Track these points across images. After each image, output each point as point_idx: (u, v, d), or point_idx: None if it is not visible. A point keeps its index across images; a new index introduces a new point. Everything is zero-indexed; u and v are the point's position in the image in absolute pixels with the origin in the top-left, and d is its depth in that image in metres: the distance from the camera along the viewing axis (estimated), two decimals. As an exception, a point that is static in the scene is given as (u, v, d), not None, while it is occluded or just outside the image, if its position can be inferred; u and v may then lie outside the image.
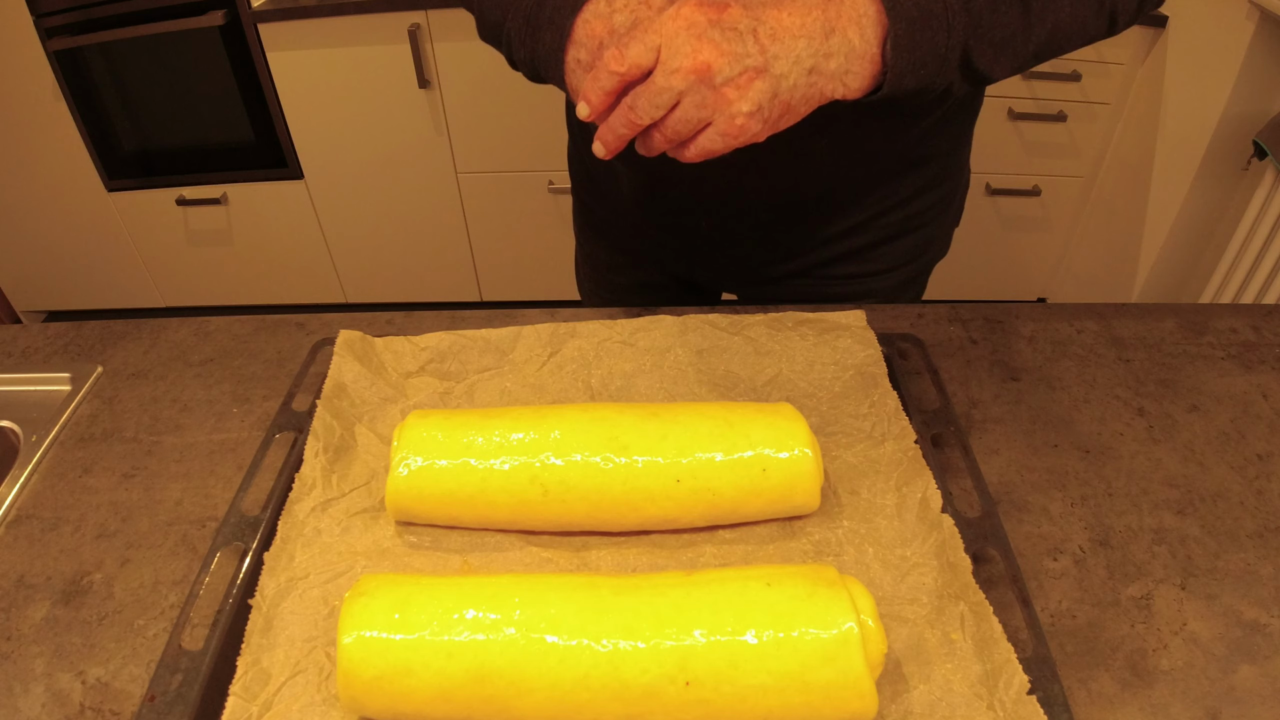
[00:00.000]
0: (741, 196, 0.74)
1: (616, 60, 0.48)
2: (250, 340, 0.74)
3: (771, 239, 0.79)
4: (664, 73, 0.47)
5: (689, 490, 0.51)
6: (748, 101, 0.48)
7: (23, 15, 1.80)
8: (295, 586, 0.50)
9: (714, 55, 0.46)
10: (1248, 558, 0.53)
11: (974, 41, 0.52)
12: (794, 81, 0.49)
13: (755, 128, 0.49)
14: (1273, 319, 0.73)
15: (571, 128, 0.85)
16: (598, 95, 0.50)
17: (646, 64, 0.48)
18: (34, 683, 0.48)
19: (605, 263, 0.93)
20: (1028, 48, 0.55)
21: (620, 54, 0.48)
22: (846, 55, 0.49)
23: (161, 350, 0.74)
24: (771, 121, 0.50)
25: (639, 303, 0.75)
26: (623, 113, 0.50)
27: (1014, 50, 0.54)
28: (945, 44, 0.51)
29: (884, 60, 0.50)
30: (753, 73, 0.47)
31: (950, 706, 0.44)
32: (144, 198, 2.10)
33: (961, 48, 0.52)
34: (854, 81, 0.51)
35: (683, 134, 0.50)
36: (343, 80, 1.87)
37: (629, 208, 0.83)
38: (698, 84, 0.47)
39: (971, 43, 0.52)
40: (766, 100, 0.48)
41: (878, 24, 0.50)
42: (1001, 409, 0.64)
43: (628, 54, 0.48)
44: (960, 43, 0.51)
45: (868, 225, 0.77)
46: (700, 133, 0.50)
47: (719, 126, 0.49)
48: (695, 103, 0.48)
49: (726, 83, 0.47)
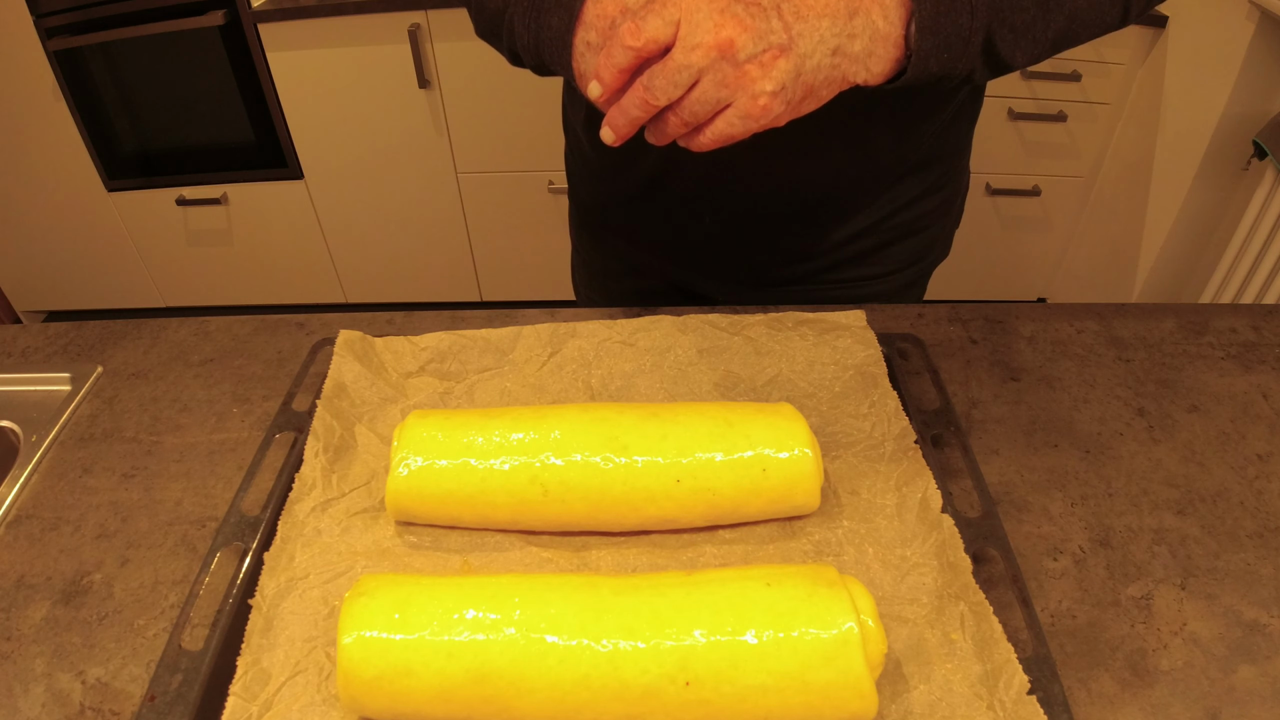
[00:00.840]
0: (746, 200, 0.74)
1: (633, 34, 0.45)
2: (250, 340, 0.74)
3: (775, 244, 0.78)
4: (684, 49, 0.45)
5: (689, 490, 0.51)
6: (771, 80, 0.46)
7: (23, 15, 1.80)
8: (295, 586, 0.50)
9: (737, 31, 0.44)
10: (1247, 558, 0.53)
11: (996, 25, 0.51)
12: (818, 61, 0.47)
13: (778, 109, 0.47)
14: (1273, 319, 0.73)
15: (569, 128, 0.84)
16: (611, 72, 0.47)
17: (665, 39, 0.45)
18: (34, 683, 0.48)
19: (602, 269, 0.92)
20: (1047, 34, 0.54)
21: (637, 28, 0.45)
22: (871, 37, 0.48)
23: (161, 350, 0.74)
24: (794, 104, 0.48)
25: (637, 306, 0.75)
26: (637, 93, 0.47)
27: (1034, 36, 0.53)
28: (969, 26, 0.50)
29: (907, 43, 0.49)
30: (776, 50, 0.45)
31: (950, 706, 0.44)
32: (144, 198, 2.10)
33: (985, 31, 0.51)
34: (876, 65, 0.49)
35: (700, 116, 0.47)
36: (343, 80, 1.87)
37: (628, 213, 0.82)
38: (719, 61, 0.45)
39: (994, 26, 0.51)
40: (790, 80, 0.46)
41: (901, 6, 0.48)
42: (1001, 409, 0.64)
43: (645, 28, 0.45)
44: (984, 25, 0.50)
45: (872, 229, 0.77)
46: (718, 115, 0.47)
47: (740, 107, 0.47)
48: (716, 81, 0.46)
49: (750, 59, 0.45)
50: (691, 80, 0.46)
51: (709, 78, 0.46)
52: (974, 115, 0.77)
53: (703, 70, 0.46)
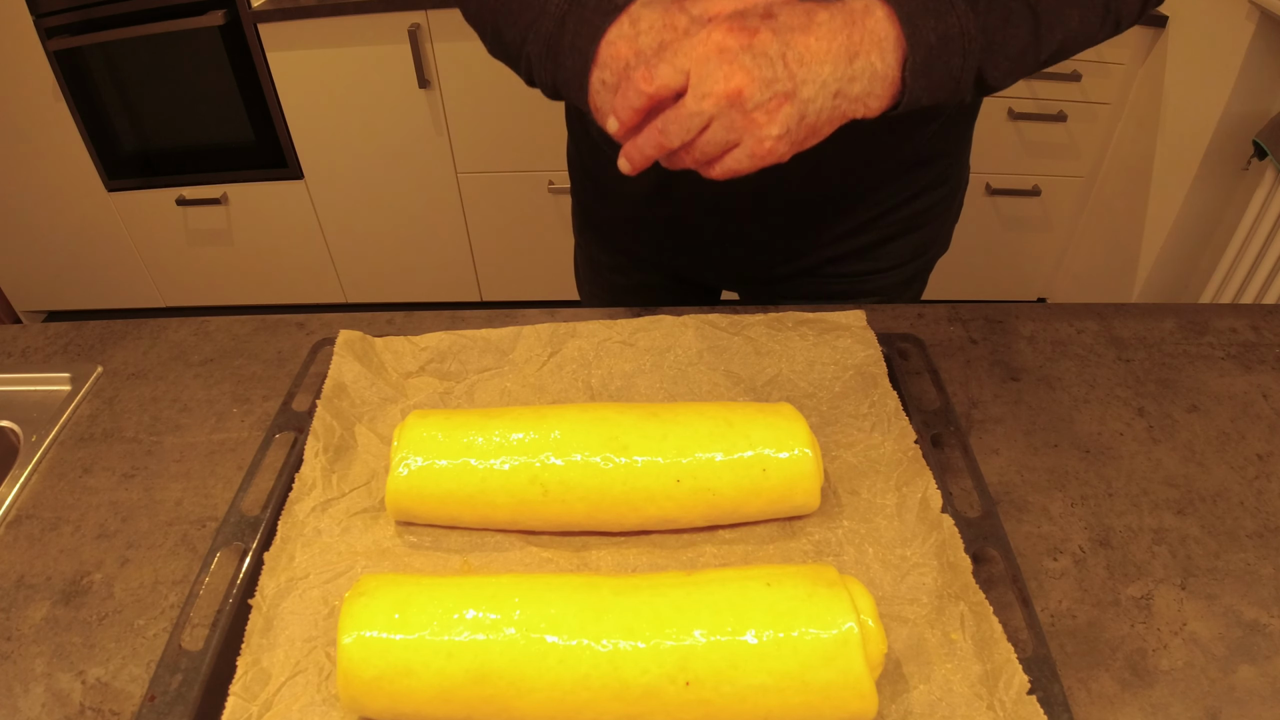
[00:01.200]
0: (749, 197, 0.75)
1: (645, 80, 0.49)
2: (250, 340, 0.74)
3: (777, 238, 0.79)
4: (695, 97, 0.48)
5: (689, 490, 0.51)
6: (777, 125, 0.49)
7: (23, 15, 1.80)
8: (295, 586, 0.50)
9: (746, 81, 0.47)
10: (1247, 558, 0.53)
11: (987, 60, 0.53)
12: (820, 105, 0.50)
13: (782, 150, 0.50)
14: (1272, 319, 0.73)
15: (573, 128, 0.85)
16: (627, 112, 0.50)
17: (676, 86, 0.49)
18: (34, 683, 0.48)
19: (606, 264, 0.93)
20: (1038, 59, 0.56)
21: (649, 74, 0.48)
22: (869, 78, 0.50)
23: (161, 350, 0.74)
24: (798, 143, 0.51)
25: (639, 303, 0.75)
26: (652, 134, 0.50)
27: (1025, 63, 0.55)
28: (960, 67, 0.52)
29: (903, 82, 0.51)
30: (782, 97, 0.48)
31: (950, 706, 0.44)
32: (144, 198, 2.10)
33: (976, 69, 0.53)
34: (875, 103, 0.52)
35: (710, 155, 0.51)
36: (343, 80, 1.87)
37: (633, 209, 0.82)
38: (728, 109, 0.48)
39: (985, 62, 0.53)
40: (794, 124, 0.49)
41: (898, 47, 0.50)
42: (1001, 409, 0.64)
43: (657, 75, 0.48)
44: (975, 64, 0.53)
45: (873, 223, 0.78)
46: (727, 153, 0.50)
47: (747, 148, 0.50)
48: (725, 126, 0.49)
49: (757, 107, 0.48)
50: (702, 125, 0.49)
51: (719, 123, 0.49)
52: (974, 113, 0.77)
53: (713, 117, 0.49)
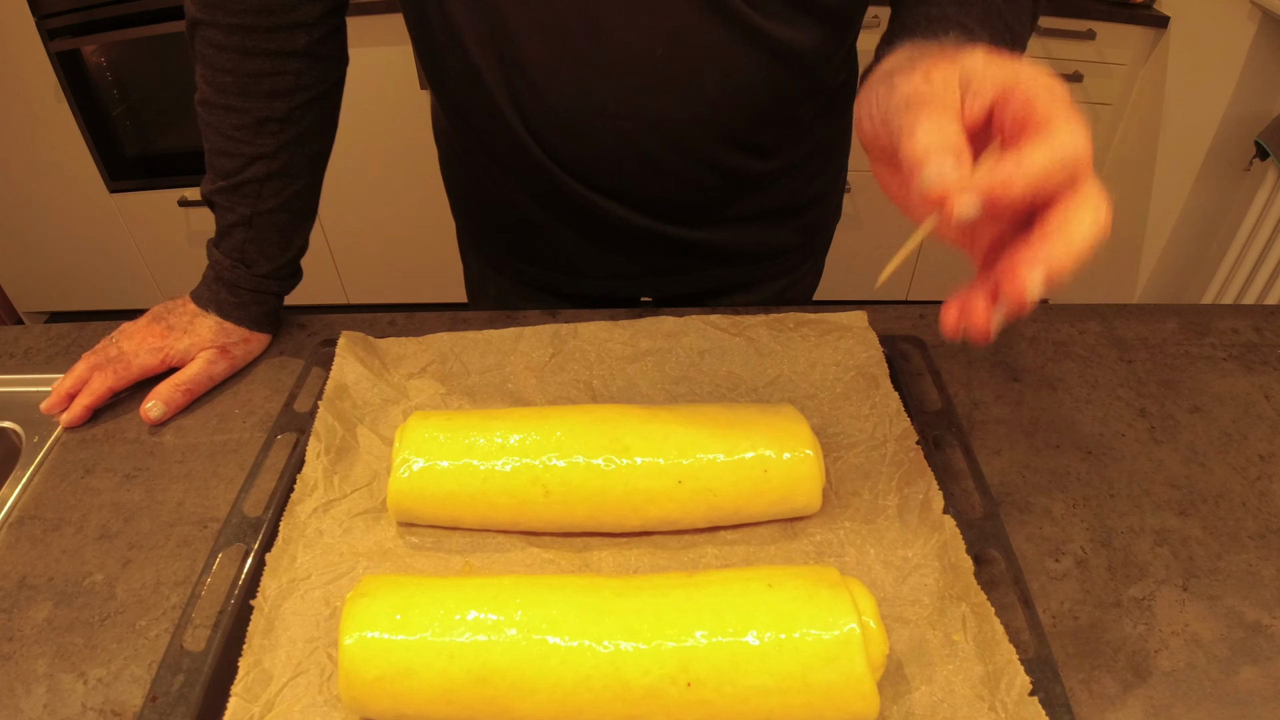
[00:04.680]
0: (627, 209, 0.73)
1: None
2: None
3: (668, 238, 0.77)
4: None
5: (690, 491, 0.51)
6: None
7: (25, 16, 1.80)
8: (297, 587, 0.50)
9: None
10: (1249, 559, 0.53)
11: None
12: None
13: None
14: (1275, 320, 0.73)
15: (441, 140, 0.84)
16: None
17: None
18: (36, 683, 0.48)
19: (506, 289, 0.90)
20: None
21: None
22: None
23: (163, 351, 0.73)
24: None
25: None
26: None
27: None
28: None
29: None
30: None
31: (952, 708, 0.44)
32: (146, 199, 2.10)
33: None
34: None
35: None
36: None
37: (514, 234, 0.81)
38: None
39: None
40: None
41: None
42: (1003, 410, 0.64)
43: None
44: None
45: (759, 215, 0.77)
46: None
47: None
48: None
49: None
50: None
51: None
52: (848, 107, 0.77)
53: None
